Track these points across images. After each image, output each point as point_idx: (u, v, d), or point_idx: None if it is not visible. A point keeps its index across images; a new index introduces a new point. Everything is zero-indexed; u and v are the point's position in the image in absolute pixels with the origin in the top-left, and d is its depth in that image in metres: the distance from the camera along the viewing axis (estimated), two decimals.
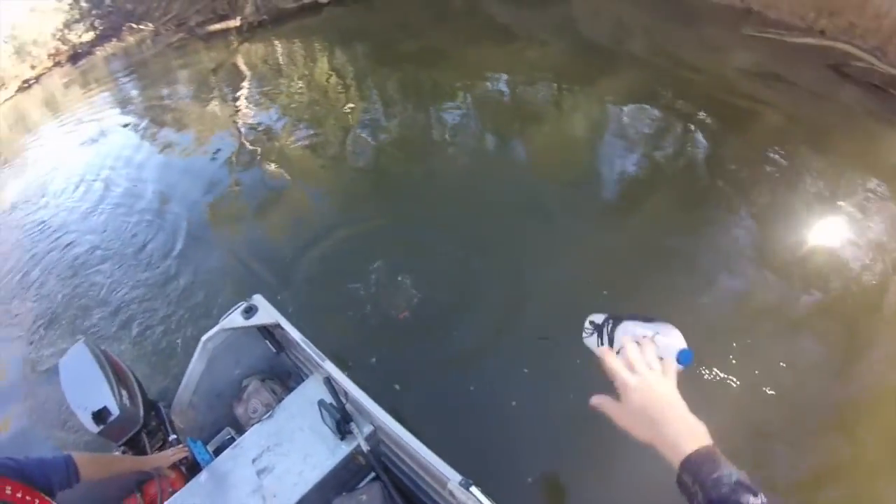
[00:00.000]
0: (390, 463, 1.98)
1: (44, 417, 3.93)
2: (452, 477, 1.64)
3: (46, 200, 7.39)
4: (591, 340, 0.99)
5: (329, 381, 1.87)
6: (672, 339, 0.84)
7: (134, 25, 19.47)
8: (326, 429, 1.90)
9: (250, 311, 2.28)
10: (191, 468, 2.28)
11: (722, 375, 2.99)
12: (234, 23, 12.11)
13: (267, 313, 2.26)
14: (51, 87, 14.21)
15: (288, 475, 1.87)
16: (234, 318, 2.30)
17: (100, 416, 2.18)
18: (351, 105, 6.83)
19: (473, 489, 1.59)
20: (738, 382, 2.96)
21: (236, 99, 8.20)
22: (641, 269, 3.62)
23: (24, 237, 6.47)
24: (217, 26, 12.63)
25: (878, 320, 3.19)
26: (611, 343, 0.93)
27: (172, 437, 2.41)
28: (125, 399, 2.29)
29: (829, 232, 3.78)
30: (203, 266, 4.71)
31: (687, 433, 0.62)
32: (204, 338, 2.35)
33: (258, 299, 2.35)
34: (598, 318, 0.98)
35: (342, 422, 1.82)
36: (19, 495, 1.46)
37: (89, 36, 24.06)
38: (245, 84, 8.75)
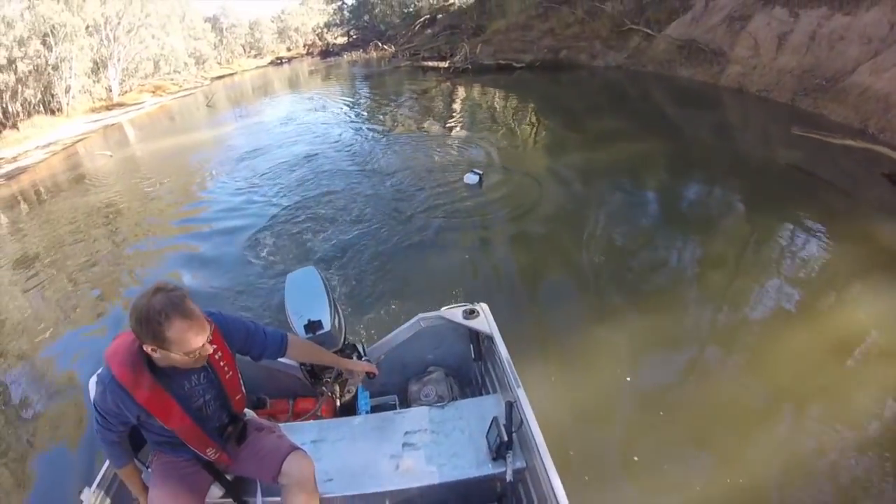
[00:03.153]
0: (522, 500, 2.06)
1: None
2: None
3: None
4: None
5: (511, 406, 1.97)
6: None
7: (380, 44, 24.51)
8: (484, 443, 2.01)
9: (472, 314, 2.46)
10: (344, 410, 2.46)
11: None
12: (444, 64, 15.40)
13: (486, 322, 2.42)
14: (297, 69, 17.54)
15: (429, 461, 1.99)
16: (455, 313, 2.49)
17: (312, 325, 2.39)
18: (538, 160, 7.06)
19: None
20: None
21: (447, 123, 9.14)
22: None
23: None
24: (433, 63, 16.07)
25: None
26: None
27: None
28: (336, 321, 2.54)
29: None
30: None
31: None
32: (421, 315, 2.55)
33: (483, 307, 2.51)
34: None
35: (504, 446, 1.89)
36: (218, 355, 1.56)
37: (342, 40, 29.65)
38: (455, 110, 9.97)
